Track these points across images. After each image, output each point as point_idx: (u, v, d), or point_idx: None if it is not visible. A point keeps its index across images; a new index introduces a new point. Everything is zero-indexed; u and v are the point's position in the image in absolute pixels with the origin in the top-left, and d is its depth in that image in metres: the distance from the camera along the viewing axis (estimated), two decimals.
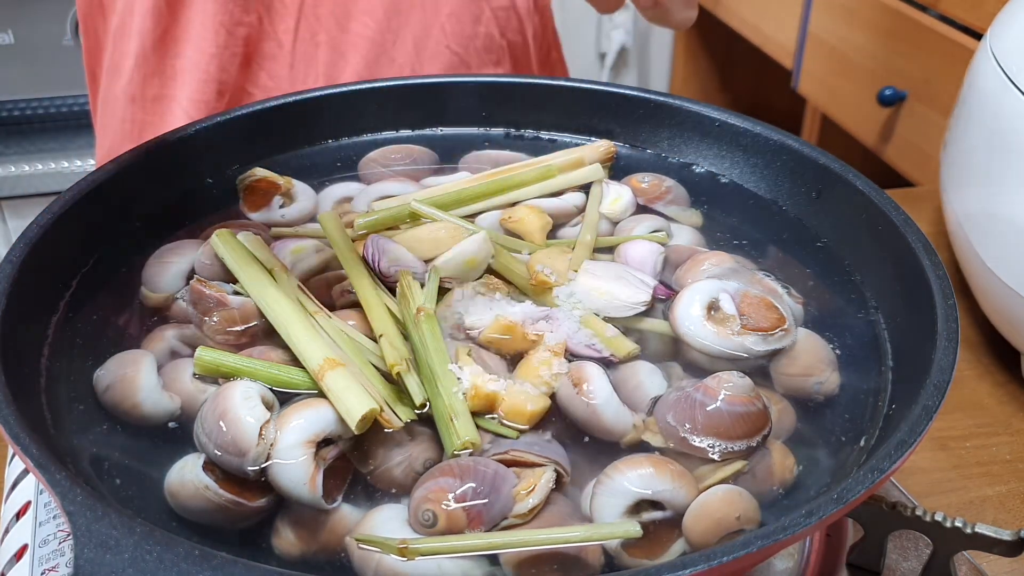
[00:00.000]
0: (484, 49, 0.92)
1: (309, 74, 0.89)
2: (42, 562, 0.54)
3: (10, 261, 0.50)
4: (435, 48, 0.90)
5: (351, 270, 0.54)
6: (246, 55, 0.87)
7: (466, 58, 0.91)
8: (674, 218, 0.64)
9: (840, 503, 0.38)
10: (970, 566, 0.57)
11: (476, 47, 0.91)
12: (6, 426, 0.41)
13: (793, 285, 0.57)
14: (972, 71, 0.76)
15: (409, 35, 0.89)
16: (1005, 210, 0.68)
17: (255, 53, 0.88)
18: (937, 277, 0.50)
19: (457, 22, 0.90)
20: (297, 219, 0.64)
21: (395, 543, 0.41)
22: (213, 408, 0.45)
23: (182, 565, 0.35)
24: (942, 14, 1.41)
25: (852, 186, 0.59)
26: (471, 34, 0.91)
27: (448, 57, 0.90)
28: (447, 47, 0.90)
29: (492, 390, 0.47)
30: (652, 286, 0.55)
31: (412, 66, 0.90)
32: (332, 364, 0.46)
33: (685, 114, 0.69)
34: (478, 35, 0.91)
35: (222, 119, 0.66)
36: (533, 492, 0.43)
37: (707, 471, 0.46)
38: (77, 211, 0.56)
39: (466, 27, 0.90)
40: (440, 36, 0.90)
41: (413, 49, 0.89)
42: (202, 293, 0.52)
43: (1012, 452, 0.70)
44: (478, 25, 0.91)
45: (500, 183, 0.64)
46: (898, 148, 1.52)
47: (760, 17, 1.98)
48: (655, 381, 0.50)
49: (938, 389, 0.44)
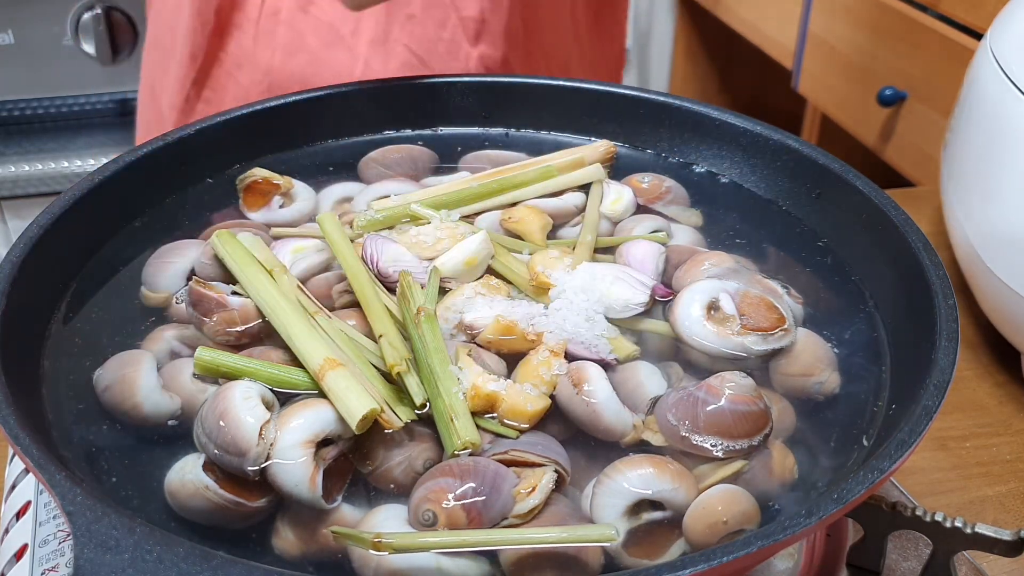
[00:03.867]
0: (448, 54, 0.91)
1: (268, 48, 0.91)
2: (42, 562, 0.54)
3: (10, 261, 0.50)
4: (392, 45, 0.90)
5: (350, 270, 0.54)
6: (218, 23, 0.91)
7: (427, 60, 0.91)
8: (674, 218, 0.64)
9: (840, 503, 0.38)
10: (970, 566, 0.57)
11: (439, 52, 0.91)
12: (6, 426, 0.41)
13: (793, 285, 0.57)
14: (972, 71, 0.76)
15: (367, 28, 0.89)
16: (1005, 210, 0.68)
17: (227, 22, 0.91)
18: (937, 277, 0.50)
19: (419, 24, 0.90)
20: (297, 219, 0.64)
21: (369, 537, 0.40)
22: (213, 408, 0.45)
23: (182, 565, 0.35)
24: (942, 14, 1.41)
25: (852, 186, 0.59)
26: (434, 38, 0.90)
27: (406, 56, 0.90)
28: (405, 46, 0.90)
29: (492, 390, 0.47)
30: (650, 287, 0.55)
31: (366, 59, 0.90)
32: (332, 364, 0.46)
33: (685, 114, 0.69)
34: (442, 40, 0.90)
35: (222, 119, 0.66)
36: (534, 492, 0.43)
37: (707, 471, 0.46)
38: (77, 211, 0.56)
39: (429, 30, 0.90)
40: (399, 35, 0.90)
41: (370, 43, 0.89)
42: (201, 294, 0.52)
43: (1012, 452, 0.70)
44: (442, 30, 0.90)
45: (500, 183, 0.64)
46: (898, 148, 1.52)
47: (760, 17, 1.98)
48: (655, 381, 0.50)
49: (938, 389, 0.44)
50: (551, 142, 0.72)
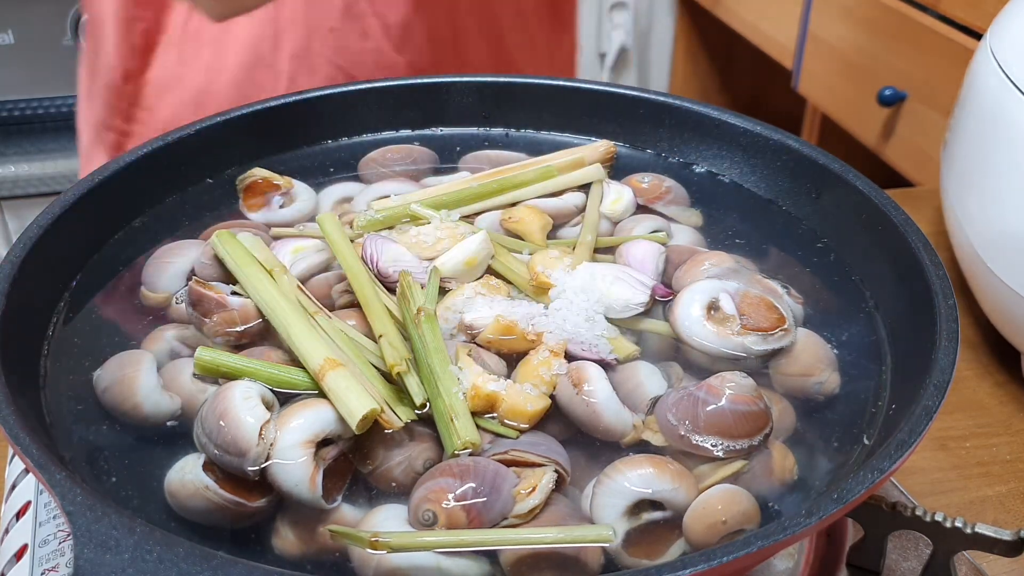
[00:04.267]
0: (376, 65, 0.89)
1: (194, 70, 0.90)
2: (42, 562, 0.54)
3: (10, 261, 0.50)
4: (316, 61, 0.88)
5: (350, 270, 0.54)
6: (145, 46, 0.91)
7: (353, 72, 0.89)
8: (674, 218, 0.64)
9: (840, 503, 0.38)
10: (970, 566, 0.57)
11: (365, 63, 0.89)
12: (6, 426, 0.41)
13: (793, 285, 0.57)
14: (972, 71, 0.76)
15: (288, 44, 0.88)
16: (1005, 210, 0.68)
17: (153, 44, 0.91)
18: (937, 277, 0.50)
19: (341, 37, 0.88)
20: (297, 219, 0.64)
21: (367, 536, 0.40)
22: (213, 408, 0.45)
23: (182, 565, 0.35)
24: (942, 14, 1.41)
25: (852, 186, 0.59)
26: (358, 49, 0.89)
27: (330, 71, 0.89)
28: (329, 60, 0.88)
29: (492, 390, 0.47)
30: (650, 287, 0.55)
31: (290, 75, 0.89)
32: (333, 364, 0.46)
33: (685, 114, 0.69)
34: (366, 50, 0.89)
35: (222, 119, 0.66)
36: (534, 492, 0.43)
37: (707, 471, 0.46)
38: (77, 211, 0.56)
39: (351, 42, 0.88)
40: (321, 49, 0.88)
41: (291, 58, 0.88)
42: (201, 294, 0.52)
43: (1012, 452, 0.70)
44: (366, 41, 0.88)
45: (500, 183, 0.64)
46: (898, 148, 1.52)
47: (760, 17, 1.98)
48: (655, 381, 0.50)
49: (938, 389, 0.44)
50: (551, 142, 0.72)
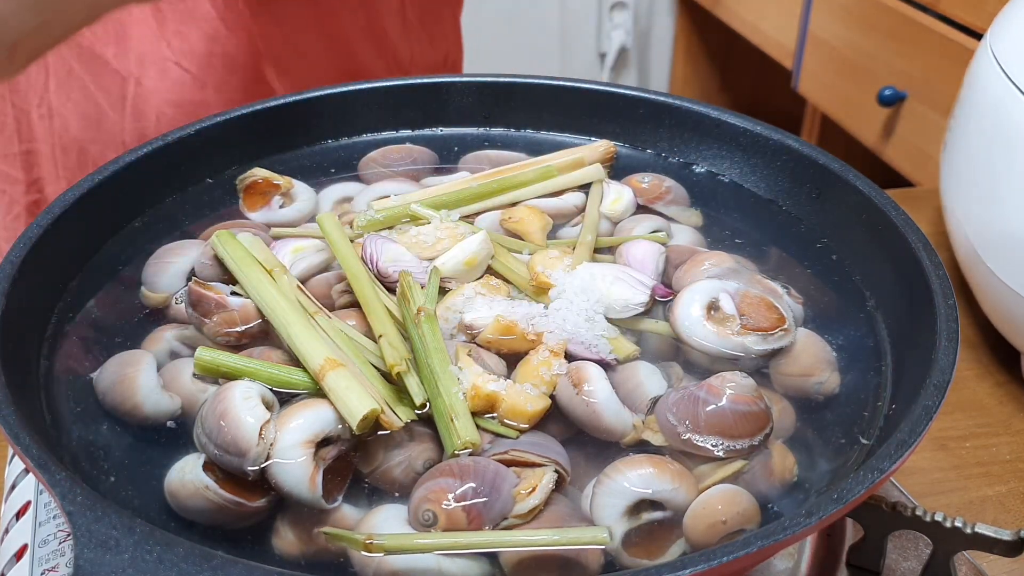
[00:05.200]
0: (227, 68, 0.86)
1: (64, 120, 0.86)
2: (42, 562, 0.54)
3: (10, 261, 0.50)
4: (163, 64, 0.85)
5: (350, 270, 0.54)
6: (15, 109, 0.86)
7: (203, 78, 0.86)
8: (674, 218, 0.64)
9: (840, 503, 0.38)
10: (970, 566, 0.57)
11: (216, 67, 0.86)
12: (6, 426, 0.41)
13: (793, 285, 0.57)
14: (972, 71, 0.76)
15: (133, 49, 0.85)
16: (1005, 210, 0.68)
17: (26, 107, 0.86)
18: (937, 277, 0.50)
19: (184, 40, 0.85)
20: (297, 219, 0.64)
21: (361, 538, 0.41)
22: (213, 408, 0.45)
23: (182, 565, 0.35)
24: (942, 14, 1.41)
25: (852, 186, 0.59)
26: (206, 52, 0.85)
27: (178, 74, 0.85)
28: (176, 64, 0.85)
29: (492, 390, 0.47)
30: (650, 287, 0.55)
31: (136, 78, 0.85)
32: (333, 364, 0.46)
33: (685, 114, 0.69)
34: (215, 54, 0.85)
35: (222, 119, 0.66)
36: (534, 492, 0.43)
37: (707, 471, 0.46)
38: (77, 211, 0.56)
39: (197, 45, 0.85)
40: (167, 53, 0.85)
41: (137, 63, 0.85)
42: (201, 294, 0.52)
43: (1012, 452, 0.70)
44: (214, 44, 0.85)
45: (500, 183, 0.64)
46: (898, 148, 1.52)
47: (760, 17, 1.98)
48: (655, 381, 0.50)
49: (938, 389, 0.44)
50: (551, 142, 0.72)
